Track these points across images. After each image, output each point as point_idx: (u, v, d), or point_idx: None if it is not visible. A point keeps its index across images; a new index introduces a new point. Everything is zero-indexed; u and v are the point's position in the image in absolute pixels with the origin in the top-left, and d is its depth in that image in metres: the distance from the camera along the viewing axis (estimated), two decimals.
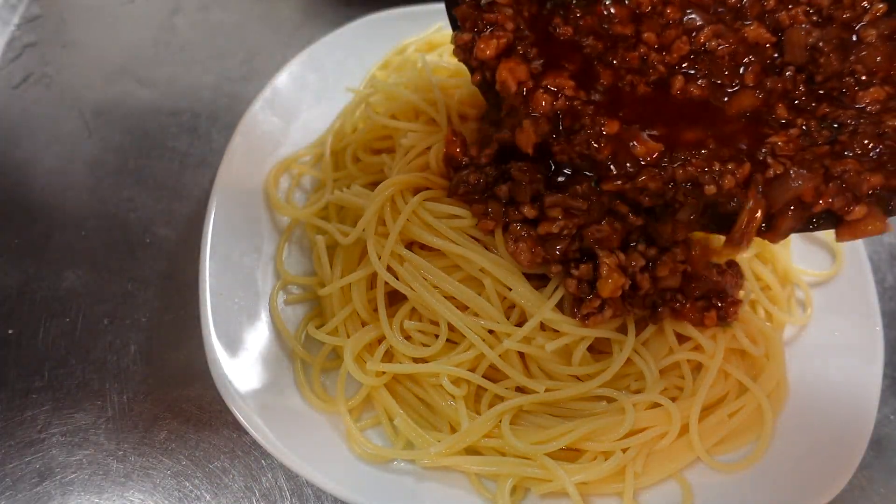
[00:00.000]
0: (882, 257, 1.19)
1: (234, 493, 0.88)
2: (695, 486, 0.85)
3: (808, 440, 0.88)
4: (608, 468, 0.83)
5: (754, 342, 0.95)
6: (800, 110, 0.79)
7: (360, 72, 1.24)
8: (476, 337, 0.88)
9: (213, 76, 1.36)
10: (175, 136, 1.26)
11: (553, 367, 0.89)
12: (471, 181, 0.88)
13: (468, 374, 0.88)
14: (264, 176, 1.08)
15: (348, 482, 0.81)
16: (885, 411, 1.00)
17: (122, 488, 0.88)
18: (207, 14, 1.49)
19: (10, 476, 0.88)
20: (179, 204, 1.16)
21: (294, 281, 1.01)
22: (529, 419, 0.89)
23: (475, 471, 0.85)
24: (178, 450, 0.91)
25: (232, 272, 0.96)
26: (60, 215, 1.13)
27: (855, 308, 1.00)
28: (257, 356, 0.91)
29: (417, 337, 0.92)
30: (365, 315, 0.94)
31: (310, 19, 1.49)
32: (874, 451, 0.95)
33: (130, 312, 1.03)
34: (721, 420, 0.89)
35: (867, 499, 0.92)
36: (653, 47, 0.82)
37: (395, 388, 0.92)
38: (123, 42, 1.40)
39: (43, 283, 1.05)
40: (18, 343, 0.99)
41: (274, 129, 1.13)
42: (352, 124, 1.15)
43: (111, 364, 0.98)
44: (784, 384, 0.94)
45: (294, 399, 0.90)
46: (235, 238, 0.99)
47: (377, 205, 0.92)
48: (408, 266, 0.90)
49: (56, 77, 1.33)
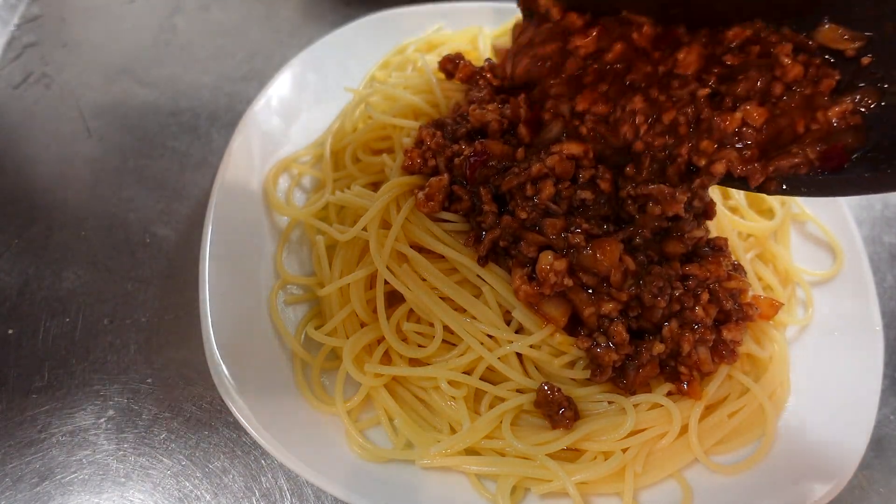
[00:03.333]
0: (882, 257, 1.19)
1: (234, 493, 0.88)
2: (694, 486, 0.85)
3: (808, 440, 0.88)
4: (608, 468, 0.83)
5: (759, 344, 0.95)
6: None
7: (360, 72, 1.24)
8: (474, 340, 0.88)
9: (213, 76, 1.36)
10: (175, 136, 1.26)
11: (553, 370, 0.89)
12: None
13: (466, 377, 0.88)
14: (264, 176, 1.08)
15: (348, 482, 0.81)
16: (885, 411, 1.00)
17: (122, 488, 0.88)
18: (207, 14, 1.49)
19: (10, 476, 0.88)
20: (179, 204, 1.16)
21: (293, 281, 1.01)
22: (529, 419, 0.89)
23: (475, 471, 0.85)
24: (178, 450, 0.91)
25: (232, 272, 0.96)
26: (60, 215, 1.13)
27: (855, 308, 1.00)
28: (257, 356, 0.91)
29: (414, 338, 0.92)
30: (364, 315, 0.94)
31: (310, 20, 1.49)
32: (874, 451, 0.95)
33: (130, 312, 1.03)
34: (721, 420, 0.89)
35: (867, 499, 0.92)
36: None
37: (394, 388, 0.92)
38: (123, 42, 1.40)
39: (43, 283, 1.05)
40: (18, 343, 0.99)
41: (274, 129, 1.13)
42: (352, 123, 1.15)
43: (111, 364, 0.98)
44: (786, 385, 0.94)
45: (294, 399, 0.90)
46: (235, 238, 0.99)
47: (382, 203, 0.92)
48: (406, 267, 0.91)
49: (56, 77, 1.33)
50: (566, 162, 0.86)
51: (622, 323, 0.85)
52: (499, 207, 0.90)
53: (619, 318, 0.86)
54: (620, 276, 0.84)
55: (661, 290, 0.85)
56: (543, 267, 0.83)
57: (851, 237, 1.05)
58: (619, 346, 0.84)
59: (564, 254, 0.85)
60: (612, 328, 0.85)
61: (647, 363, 0.86)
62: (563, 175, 0.87)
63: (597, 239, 0.84)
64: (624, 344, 0.84)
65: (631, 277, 0.85)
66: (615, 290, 0.84)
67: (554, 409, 0.84)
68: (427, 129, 0.97)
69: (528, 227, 0.87)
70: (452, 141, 0.95)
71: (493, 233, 0.88)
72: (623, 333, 0.84)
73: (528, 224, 0.87)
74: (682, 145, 0.83)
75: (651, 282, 0.85)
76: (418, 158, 0.96)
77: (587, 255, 0.83)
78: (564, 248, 0.85)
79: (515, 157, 0.91)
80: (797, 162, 0.79)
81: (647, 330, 0.88)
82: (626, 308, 0.86)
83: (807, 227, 1.11)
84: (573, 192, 0.86)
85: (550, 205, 0.86)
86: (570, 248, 0.85)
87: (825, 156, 0.78)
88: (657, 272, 0.85)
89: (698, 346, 0.87)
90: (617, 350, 0.84)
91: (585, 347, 0.86)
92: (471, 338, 0.88)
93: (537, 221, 0.87)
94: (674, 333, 0.86)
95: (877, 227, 1.23)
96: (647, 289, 0.84)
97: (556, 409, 0.84)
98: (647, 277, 0.85)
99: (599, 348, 0.85)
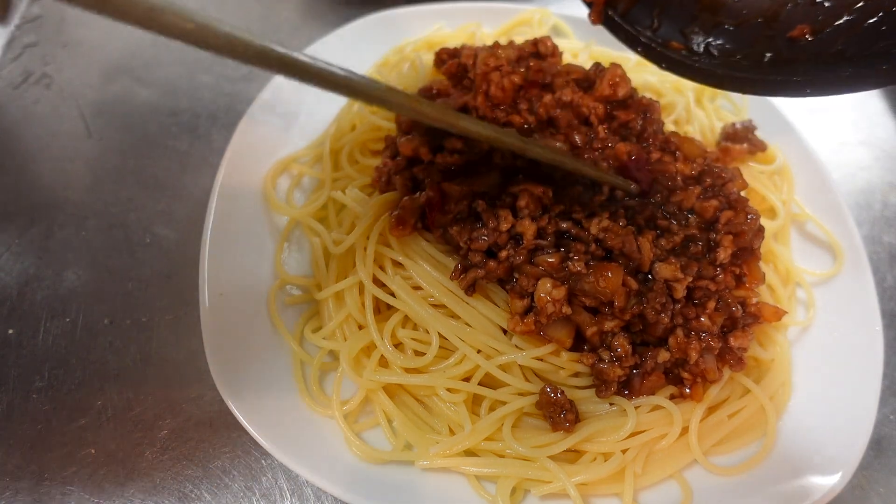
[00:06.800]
0: (882, 257, 1.19)
1: (234, 493, 0.88)
2: (695, 487, 0.85)
3: (807, 440, 0.88)
4: (608, 469, 0.83)
5: (762, 346, 0.95)
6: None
7: (359, 72, 1.24)
8: (471, 350, 0.88)
9: (213, 76, 1.36)
10: (175, 136, 1.26)
11: (557, 378, 0.89)
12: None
13: (464, 384, 0.88)
14: (264, 176, 1.08)
15: (348, 482, 0.81)
16: (884, 411, 0.99)
17: (122, 488, 0.88)
18: (207, 14, 1.49)
19: (10, 476, 0.88)
20: (179, 204, 1.16)
21: (292, 281, 1.00)
22: (529, 421, 0.89)
23: (474, 472, 0.85)
24: (178, 450, 0.91)
25: (231, 272, 0.96)
26: (60, 215, 1.13)
27: (855, 308, 1.00)
28: (257, 356, 0.91)
29: (410, 344, 0.92)
30: (360, 319, 0.94)
31: (309, 20, 1.49)
32: (874, 451, 0.95)
33: (130, 312, 1.03)
34: (721, 421, 0.89)
35: (867, 499, 0.92)
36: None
37: (393, 389, 0.92)
38: (123, 42, 1.40)
39: (43, 283, 1.05)
40: (18, 343, 0.99)
41: (274, 129, 1.13)
42: (349, 121, 1.15)
43: (111, 364, 0.98)
44: (788, 386, 0.94)
45: (294, 399, 0.90)
46: (235, 238, 0.99)
47: (368, 220, 0.93)
48: (398, 278, 0.91)
49: (56, 77, 1.33)
50: (534, 198, 0.87)
51: (625, 337, 0.85)
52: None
53: (622, 333, 0.85)
54: (624, 299, 0.83)
55: (663, 307, 0.85)
56: (542, 296, 0.83)
57: (851, 237, 1.05)
58: (622, 359, 0.84)
59: (564, 282, 0.84)
60: (614, 342, 0.84)
61: (651, 371, 0.86)
62: (537, 209, 0.87)
63: (598, 265, 0.84)
64: (628, 356, 0.84)
65: (634, 297, 0.85)
66: (618, 311, 0.84)
67: (556, 411, 0.84)
68: (387, 149, 0.98)
69: (518, 265, 0.86)
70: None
71: (477, 273, 0.87)
72: (626, 346, 0.84)
73: (517, 265, 0.86)
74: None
75: (654, 298, 0.84)
76: (383, 177, 0.97)
77: (589, 282, 0.83)
78: (565, 277, 0.85)
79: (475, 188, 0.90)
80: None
81: (650, 343, 0.88)
82: (629, 324, 0.86)
83: (807, 226, 1.11)
84: (556, 225, 0.87)
85: (539, 241, 0.86)
86: (570, 276, 0.85)
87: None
88: (659, 289, 0.85)
89: (705, 353, 0.87)
90: (621, 364, 0.84)
91: (590, 364, 0.85)
92: (467, 347, 0.88)
93: (530, 260, 0.86)
94: (680, 342, 0.85)
95: (877, 227, 1.23)
96: (649, 306, 0.84)
97: (558, 411, 0.84)
98: (649, 294, 0.85)
99: (604, 364, 0.84)
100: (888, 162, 1.35)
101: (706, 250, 0.89)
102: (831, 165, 1.20)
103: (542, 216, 0.87)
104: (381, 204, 0.95)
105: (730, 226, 0.89)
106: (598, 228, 0.85)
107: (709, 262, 0.88)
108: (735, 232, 0.89)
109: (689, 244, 0.89)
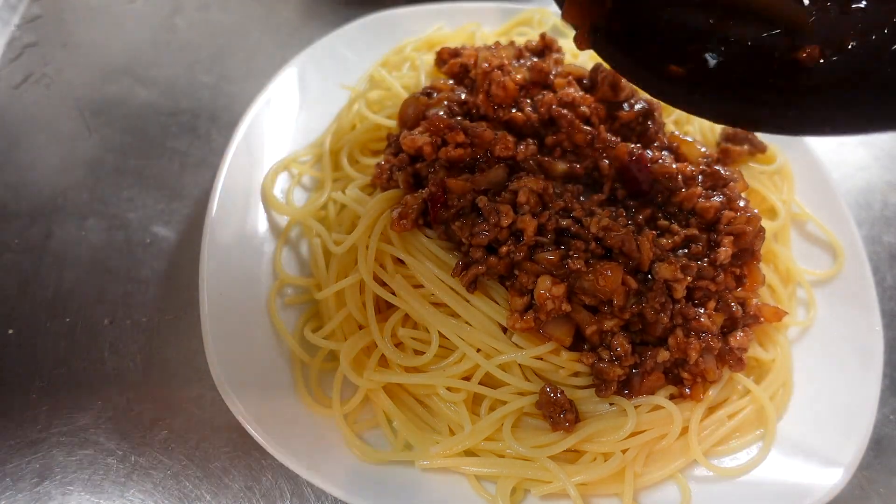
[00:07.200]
0: (882, 257, 1.19)
1: (234, 493, 0.88)
2: (694, 487, 0.85)
3: (807, 440, 0.88)
4: (608, 469, 0.83)
5: (762, 346, 0.95)
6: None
7: (359, 71, 1.24)
8: (470, 349, 0.88)
9: (213, 76, 1.36)
10: (175, 136, 1.26)
11: (557, 378, 0.89)
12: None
13: (464, 383, 0.88)
14: (264, 176, 1.08)
15: (348, 482, 0.81)
16: (884, 411, 0.99)
17: (122, 488, 0.87)
18: (207, 14, 1.49)
19: (10, 476, 0.88)
20: (179, 204, 1.16)
21: (292, 282, 1.00)
22: (529, 421, 0.89)
23: (474, 472, 0.85)
24: (178, 450, 0.91)
25: (231, 272, 0.96)
26: (60, 215, 1.13)
27: (855, 308, 1.00)
28: (257, 356, 0.91)
29: (411, 343, 0.92)
30: (360, 319, 0.94)
31: (310, 20, 1.49)
32: (874, 451, 0.95)
33: (130, 312, 1.03)
34: (721, 421, 0.89)
35: (867, 499, 0.92)
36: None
37: (393, 390, 0.92)
38: (123, 42, 1.40)
39: (43, 283, 1.05)
40: (18, 343, 0.99)
41: (274, 129, 1.13)
42: (349, 121, 1.15)
43: (111, 364, 0.98)
44: (789, 386, 0.94)
45: (294, 399, 0.90)
46: (235, 238, 0.99)
47: (369, 219, 0.92)
48: (398, 276, 0.91)
49: (56, 77, 1.33)
50: (535, 194, 0.87)
51: (625, 336, 0.85)
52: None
53: (622, 333, 0.85)
54: (623, 298, 0.83)
55: (663, 306, 0.85)
56: (541, 293, 0.83)
57: (851, 237, 1.05)
58: (622, 358, 0.84)
59: (564, 279, 0.85)
60: (614, 341, 0.84)
61: (651, 371, 0.86)
62: (537, 206, 0.87)
63: (598, 264, 0.84)
64: (627, 356, 0.84)
65: (633, 296, 0.85)
66: (618, 310, 0.84)
67: (556, 411, 0.84)
68: (390, 146, 0.98)
69: (518, 262, 0.86)
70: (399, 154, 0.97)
71: (478, 269, 0.87)
72: (626, 345, 0.84)
73: (517, 261, 0.86)
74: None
75: (654, 298, 0.84)
76: (384, 174, 0.97)
77: (589, 280, 0.83)
78: (565, 275, 0.85)
79: (477, 184, 0.90)
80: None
81: (649, 343, 0.88)
82: (629, 324, 0.86)
83: (807, 226, 1.11)
84: (556, 222, 0.87)
85: (540, 238, 0.86)
86: (570, 274, 0.85)
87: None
88: (658, 288, 0.85)
89: (704, 353, 0.87)
90: (621, 363, 0.84)
91: (590, 363, 0.85)
92: (467, 346, 0.88)
93: (530, 256, 0.86)
94: (680, 342, 0.85)
95: (877, 227, 1.23)
96: (649, 305, 0.84)
97: (558, 411, 0.84)
98: (649, 294, 0.85)
99: (604, 363, 0.84)
100: (888, 162, 1.35)
101: (706, 251, 0.89)
102: (831, 165, 1.20)
103: (543, 212, 0.87)
104: (384, 201, 0.95)
105: (731, 227, 0.90)
106: (598, 227, 0.86)
107: (709, 262, 0.88)
108: (736, 233, 0.90)
109: (689, 244, 0.89)
